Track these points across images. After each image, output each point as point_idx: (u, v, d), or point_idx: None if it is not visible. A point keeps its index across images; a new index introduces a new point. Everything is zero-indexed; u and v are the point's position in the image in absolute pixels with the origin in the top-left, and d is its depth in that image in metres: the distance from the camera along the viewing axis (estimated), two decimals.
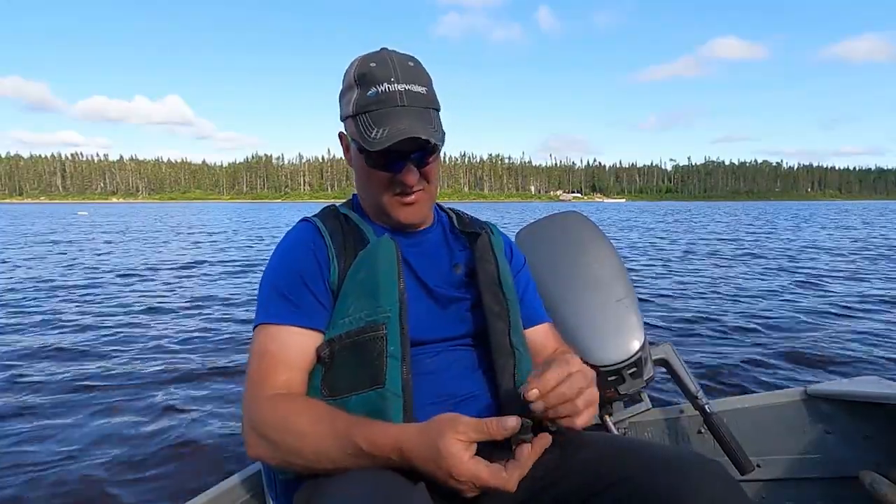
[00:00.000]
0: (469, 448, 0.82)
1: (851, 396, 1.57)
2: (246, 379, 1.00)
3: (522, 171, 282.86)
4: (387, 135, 0.98)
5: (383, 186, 1.07)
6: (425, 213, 1.13)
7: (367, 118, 1.01)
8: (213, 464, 2.85)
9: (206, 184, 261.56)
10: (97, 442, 3.10)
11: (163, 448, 3.03)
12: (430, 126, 1.01)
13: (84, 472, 2.78)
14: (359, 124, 1.02)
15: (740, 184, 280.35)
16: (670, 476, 0.85)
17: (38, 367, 4.42)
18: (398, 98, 1.01)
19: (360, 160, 1.08)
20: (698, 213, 56.97)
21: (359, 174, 1.12)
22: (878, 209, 66.96)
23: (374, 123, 1.00)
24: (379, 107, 1.01)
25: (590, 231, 1.61)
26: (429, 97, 1.05)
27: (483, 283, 1.11)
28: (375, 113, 1.01)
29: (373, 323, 0.98)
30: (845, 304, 6.86)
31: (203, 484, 1.47)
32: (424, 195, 1.10)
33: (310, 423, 0.90)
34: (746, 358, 4.53)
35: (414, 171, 1.05)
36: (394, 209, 1.09)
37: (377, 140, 0.98)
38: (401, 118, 0.99)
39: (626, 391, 1.45)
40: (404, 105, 1.01)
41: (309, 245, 1.07)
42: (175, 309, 6.90)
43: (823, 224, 29.55)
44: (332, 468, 0.88)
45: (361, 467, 0.86)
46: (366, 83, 1.02)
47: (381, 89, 1.01)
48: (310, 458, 0.89)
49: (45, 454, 2.96)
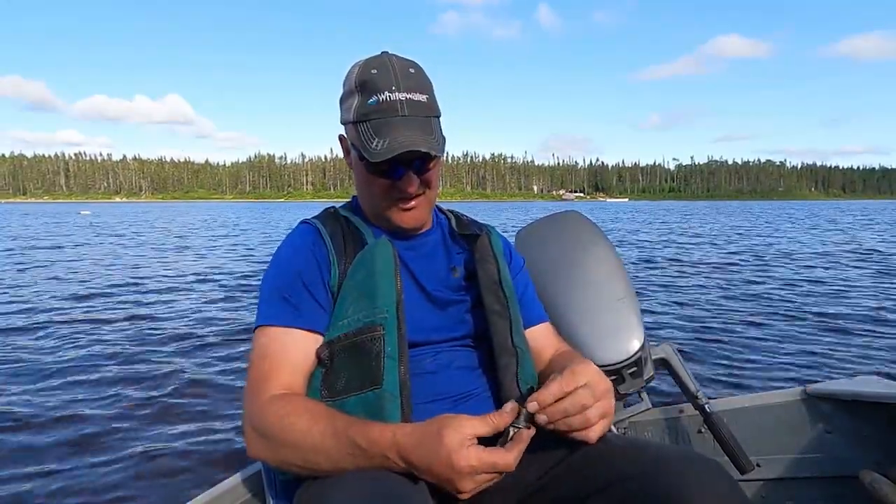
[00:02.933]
0: (469, 441, 0.83)
1: (851, 396, 1.57)
2: (246, 380, 1.01)
3: (525, 170, 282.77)
4: (387, 146, 0.98)
5: (383, 193, 1.08)
6: (424, 217, 1.13)
7: (368, 127, 1.01)
8: (214, 464, 2.86)
9: (208, 183, 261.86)
10: (97, 442, 3.11)
11: (163, 448, 3.03)
12: (430, 136, 1.02)
13: (84, 472, 2.79)
14: (360, 132, 1.02)
15: (743, 183, 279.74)
16: (670, 476, 0.85)
17: (44, 364, 4.44)
18: (399, 108, 1.01)
19: (360, 166, 1.09)
20: (707, 212, 56.86)
21: (359, 179, 1.12)
22: (876, 209, 66.62)
23: (375, 133, 1.00)
24: (379, 116, 1.01)
25: (589, 231, 1.62)
26: (430, 105, 1.05)
27: (484, 283, 1.12)
28: (376, 122, 1.01)
29: (370, 324, 0.99)
30: (845, 303, 6.85)
31: (203, 484, 1.48)
32: (424, 200, 1.11)
33: (309, 423, 0.90)
34: (746, 358, 4.53)
35: (414, 180, 1.05)
36: (393, 215, 1.10)
37: (378, 151, 0.99)
38: (401, 129, 1.00)
39: (626, 391, 1.45)
40: (405, 115, 1.01)
41: (309, 247, 1.08)
42: (175, 309, 6.91)
43: (819, 223, 29.46)
44: (330, 468, 0.88)
45: (360, 467, 0.87)
46: (367, 91, 1.02)
47: (382, 98, 1.01)
48: (308, 458, 0.90)
49: (46, 453, 2.97)
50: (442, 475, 0.83)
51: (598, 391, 0.89)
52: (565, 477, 0.95)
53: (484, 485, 0.84)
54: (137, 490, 2.63)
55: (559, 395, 0.86)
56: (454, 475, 0.82)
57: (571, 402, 0.86)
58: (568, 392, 0.86)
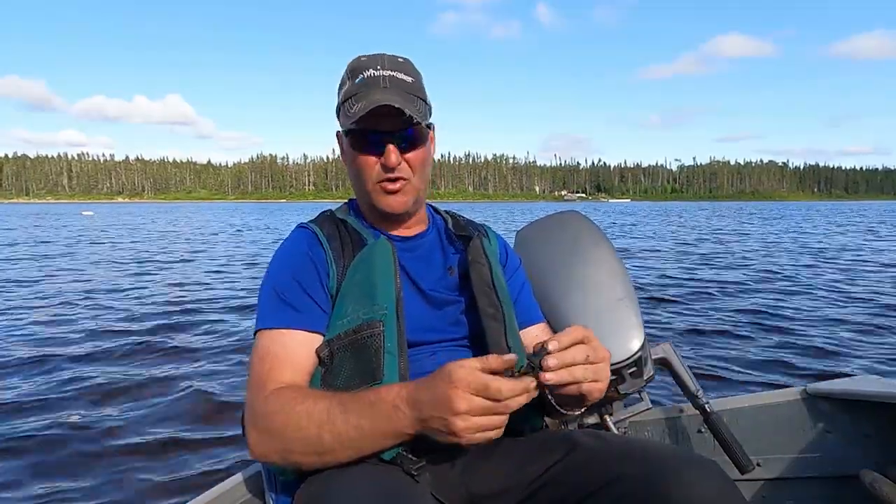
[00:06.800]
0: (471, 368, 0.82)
1: (851, 395, 1.57)
2: (248, 381, 1.01)
3: (527, 170, 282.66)
4: (362, 106, 1.01)
5: (368, 171, 1.09)
6: (409, 204, 1.12)
7: (351, 100, 1.05)
8: (214, 464, 2.86)
9: (210, 184, 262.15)
10: (97, 442, 3.11)
11: (163, 448, 3.04)
12: (411, 104, 1.04)
13: (84, 472, 2.79)
14: (345, 110, 1.06)
15: (746, 184, 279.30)
16: (666, 476, 0.85)
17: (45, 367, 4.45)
18: (381, 81, 1.05)
19: (347, 148, 1.11)
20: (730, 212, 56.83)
21: (349, 167, 1.14)
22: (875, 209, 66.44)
23: (357, 101, 1.04)
24: (362, 89, 1.04)
25: (589, 231, 1.61)
26: (414, 86, 1.08)
27: (476, 285, 1.12)
28: (359, 95, 1.04)
29: (370, 320, 1.00)
30: (845, 304, 6.84)
31: (203, 484, 1.48)
32: (410, 187, 1.10)
33: (313, 402, 0.91)
34: (746, 357, 4.53)
35: (395, 152, 1.06)
36: (378, 198, 1.10)
37: (355, 113, 1.02)
38: (379, 93, 1.03)
39: (626, 391, 1.44)
40: (387, 87, 1.04)
41: (305, 251, 1.09)
42: (173, 311, 6.93)
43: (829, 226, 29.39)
44: (335, 445, 0.88)
45: (364, 436, 0.87)
46: (354, 74, 1.07)
47: (367, 74, 1.05)
48: (312, 439, 0.89)
49: (45, 455, 2.98)
50: (440, 402, 0.81)
51: (600, 353, 0.87)
52: (565, 477, 0.95)
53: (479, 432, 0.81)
54: (138, 490, 2.63)
55: (570, 343, 0.84)
56: (451, 394, 0.80)
57: (580, 350, 0.84)
58: (578, 341, 0.85)
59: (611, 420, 1.56)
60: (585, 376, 0.84)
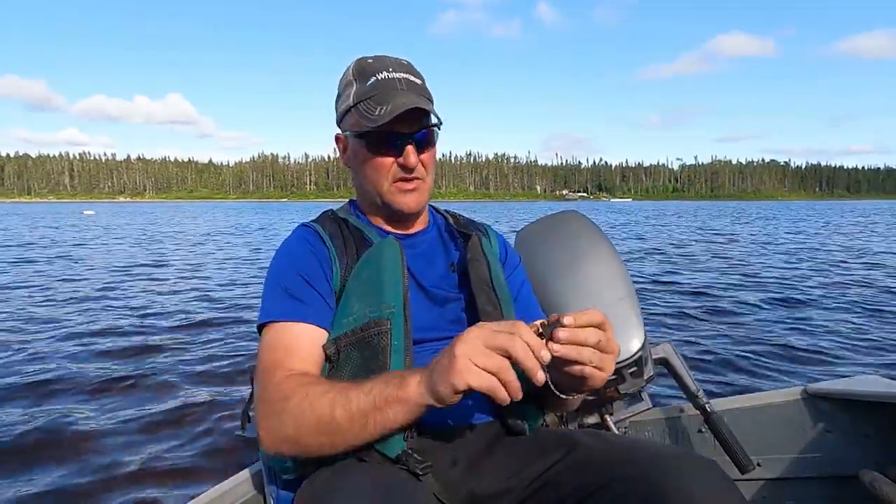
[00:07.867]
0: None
1: (851, 395, 1.57)
2: (256, 373, 1.01)
3: (528, 170, 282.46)
4: (390, 109, 1.02)
5: (384, 172, 1.10)
6: (423, 203, 1.15)
7: (369, 102, 1.06)
8: (214, 464, 2.86)
9: (212, 183, 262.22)
10: (97, 442, 3.11)
11: (163, 448, 3.04)
12: (430, 107, 1.07)
13: (83, 472, 2.80)
14: (360, 111, 1.06)
15: (748, 184, 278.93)
16: (666, 475, 0.85)
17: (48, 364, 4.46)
18: (398, 84, 1.07)
19: (360, 150, 1.11)
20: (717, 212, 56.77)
21: (358, 168, 1.14)
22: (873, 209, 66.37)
23: (377, 104, 1.05)
24: (379, 90, 1.06)
25: (589, 230, 1.61)
26: (425, 88, 1.11)
27: (475, 284, 1.13)
28: (377, 96, 1.06)
29: (377, 319, 1.00)
30: (845, 303, 6.83)
31: (203, 484, 1.48)
32: (423, 185, 1.13)
33: (328, 385, 0.92)
34: (746, 357, 4.52)
35: (414, 153, 1.08)
36: (395, 197, 1.12)
37: (381, 116, 1.03)
38: (401, 96, 1.05)
39: (626, 390, 1.45)
40: (405, 90, 1.06)
41: (308, 248, 1.10)
42: (174, 311, 6.93)
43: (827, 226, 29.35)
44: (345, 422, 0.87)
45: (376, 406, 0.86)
46: (365, 75, 1.08)
47: (381, 77, 1.07)
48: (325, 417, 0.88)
49: (44, 454, 2.98)
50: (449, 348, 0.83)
51: (612, 345, 0.87)
52: (566, 477, 0.95)
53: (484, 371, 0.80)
54: (138, 490, 2.63)
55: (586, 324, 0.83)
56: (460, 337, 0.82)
57: (593, 332, 0.84)
58: (595, 324, 0.84)
59: (611, 420, 1.56)
60: (591, 360, 0.83)
